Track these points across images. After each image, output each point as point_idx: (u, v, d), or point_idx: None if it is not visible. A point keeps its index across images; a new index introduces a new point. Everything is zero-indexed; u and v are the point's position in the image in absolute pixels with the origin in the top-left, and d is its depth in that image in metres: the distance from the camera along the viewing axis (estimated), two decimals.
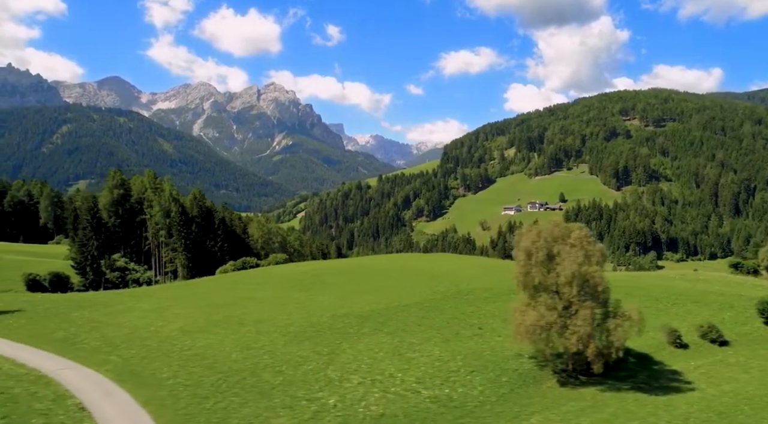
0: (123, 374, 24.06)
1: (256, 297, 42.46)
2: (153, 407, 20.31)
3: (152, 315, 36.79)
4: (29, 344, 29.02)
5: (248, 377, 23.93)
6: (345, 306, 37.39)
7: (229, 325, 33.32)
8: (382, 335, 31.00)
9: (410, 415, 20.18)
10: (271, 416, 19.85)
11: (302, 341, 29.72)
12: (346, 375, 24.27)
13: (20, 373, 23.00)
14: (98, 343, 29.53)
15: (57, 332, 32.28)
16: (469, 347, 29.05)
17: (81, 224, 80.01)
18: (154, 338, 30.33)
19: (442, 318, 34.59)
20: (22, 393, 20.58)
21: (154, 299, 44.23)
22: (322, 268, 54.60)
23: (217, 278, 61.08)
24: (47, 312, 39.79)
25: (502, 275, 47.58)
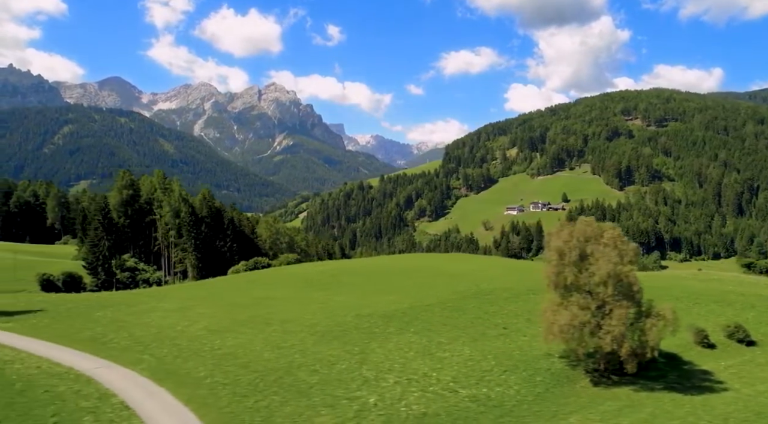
0: (159, 373, 24.11)
1: (276, 297, 42.54)
2: (195, 405, 20.37)
3: (176, 315, 36.85)
4: (59, 343, 29.06)
5: (284, 376, 23.97)
6: (367, 306, 37.45)
7: (255, 324, 33.38)
8: (410, 334, 31.06)
9: (452, 414, 20.23)
10: (313, 415, 19.89)
11: (330, 341, 29.78)
12: (381, 374, 24.32)
13: (59, 371, 23.08)
14: (128, 342, 29.58)
15: (83, 331, 32.34)
16: (497, 346, 29.09)
17: (92, 225, 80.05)
18: (182, 338, 30.39)
19: (466, 318, 34.64)
20: (66, 391, 20.67)
21: (174, 298, 44.31)
22: (337, 268, 54.66)
23: (231, 277, 61.12)
24: (69, 312, 39.86)
25: (521, 275, 47.75)
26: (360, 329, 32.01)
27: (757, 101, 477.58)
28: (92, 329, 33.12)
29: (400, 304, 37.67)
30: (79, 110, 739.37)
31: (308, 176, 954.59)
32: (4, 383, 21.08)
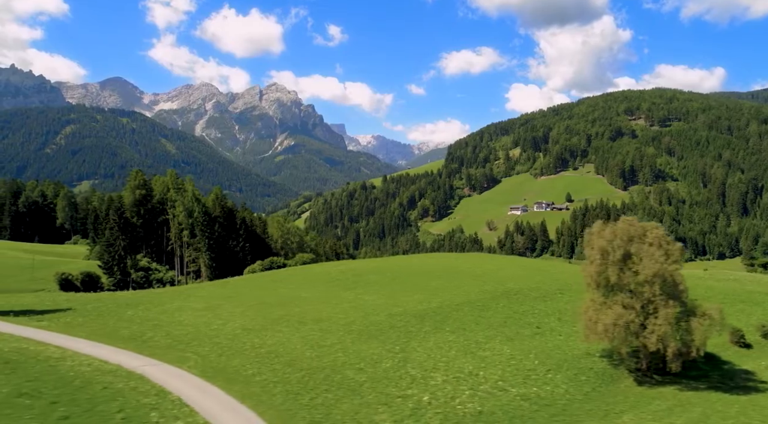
0: (208, 370, 24.23)
1: (303, 296, 42.66)
2: (251, 403, 20.49)
3: (207, 314, 37.01)
4: (100, 341, 29.20)
5: (332, 374, 24.10)
6: (397, 305, 37.57)
7: (290, 323, 33.52)
8: (445, 333, 31.18)
9: (508, 412, 20.34)
10: (371, 413, 20.01)
11: (368, 340, 29.90)
12: (428, 373, 24.44)
13: (110, 369, 23.21)
14: (168, 340, 29.72)
15: (120, 330, 32.48)
16: (534, 345, 29.19)
17: (108, 225, 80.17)
18: (220, 336, 30.53)
19: (497, 317, 34.73)
20: (124, 388, 20.81)
21: (199, 298, 44.46)
22: (358, 268, 54.75)
23: (253, 277, 61.18)
24: (97, 311, 40.03)
25: (544, 275, 47.85)
26: (396, 328, 32.13)
27: (759, 101, 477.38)
28: (128, 327, 33.26)
29: (429, 303, 37.79)
30: (81, 111, 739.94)
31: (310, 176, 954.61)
32: (62, 380, 21.21)
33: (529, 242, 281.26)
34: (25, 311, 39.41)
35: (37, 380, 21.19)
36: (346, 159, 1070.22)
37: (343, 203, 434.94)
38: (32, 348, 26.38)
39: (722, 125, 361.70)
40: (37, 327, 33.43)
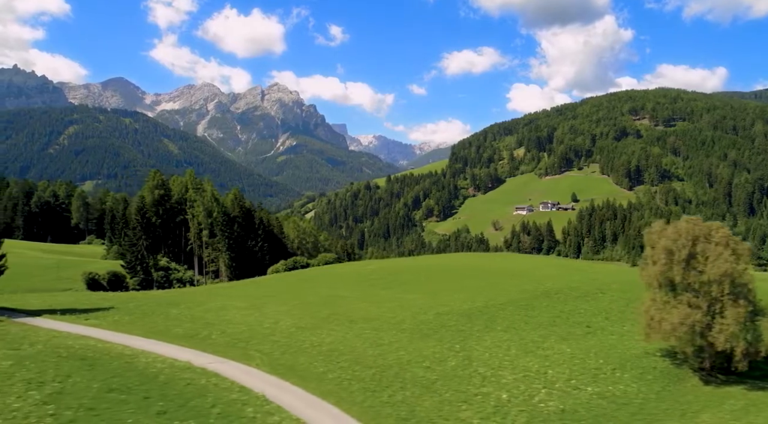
0: (277, 368, 24.33)
1: (343, 295, 42.79)
2: (333, 399, 20.60)
3: (254, 312, 37.15)
4: (158, 339, 29.32)
5: (401, 372, 24.20)
6: (443, 304, 37.68)
7: (340, 322, 33.63)
8: (498, 332, 31.27)
9: (591, 410, 20.43)
10: (454, 410, 20.11)
11: (424, 338, 30.00)
12: (496, 371, 24.54)
13: (184, 366, 23.34)
14: (226, 338, 29.84)
15: (173, 328, 32.60)
16: (591, 345, 29.25)
17: (131, 224, 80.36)
18: (277, 335, 30.65)
19: (544, 317, 34.80)
20: (207, 384, 20.95)
21: (239, 297, 44.61)
22: (389, 267, 54.85)
23: (281, 276, 61.26)
24: (139, 310, 40.16)
25: (580, 275, 47.96)
26: (447, 327, 32.23)
27: (763, 100, 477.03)
28: (179, 326, 33.39)
29: (473, 303, 37.87)
30: (84, 111, 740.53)
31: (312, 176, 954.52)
32: (144, 376, 21.34)
33: (536, 242, 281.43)
34: (69, 310, 39.53)
35: (121, 376, 21.33)
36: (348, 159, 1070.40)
37: (347, 203, 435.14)
38: (99, 346, 26.54)
39: (727, 125, 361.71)
40: (87, 325, 33.57)
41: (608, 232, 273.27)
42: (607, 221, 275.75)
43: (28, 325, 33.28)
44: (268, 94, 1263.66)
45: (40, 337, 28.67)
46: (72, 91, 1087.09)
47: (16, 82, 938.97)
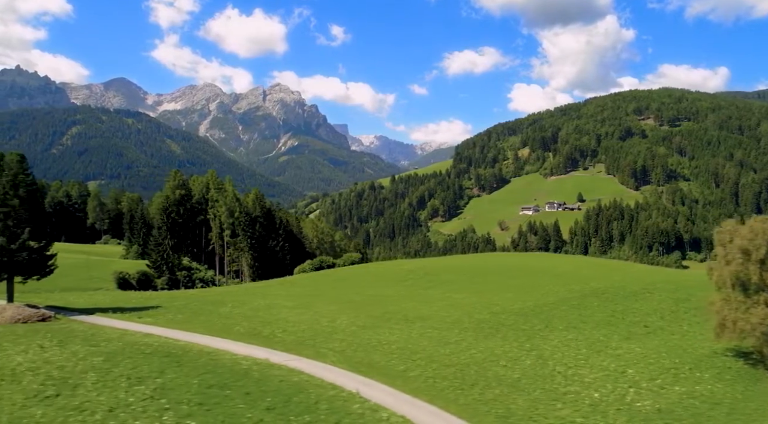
0: (356, 366, 24.35)
1: (388, 295, 42.87)
2: (425, 397, 20.61)
3: (306, 311, 37.23)
4: (222, 337, 29.36)
5: (481, 371, 24.24)
6: (493, 303, 37.75)
7: (397, 321, 33.70)
8: (560, 331, 31.33)
9: (688, 409, 20.48)
10: (549, 408, 20.13)
11: (489, 337, 30.06)
12: (575, 371, 24.57)
13: (266, 363, 23.41)
14: (291, 337, 29.87)
15: (232, 326, 32.65)
16: (656, 344, 29.26)
17: (155, 223, 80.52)
18: (340, 333, 30.71)
19: (599, 316, 34.85)
20: (300, 381, 21.02)
21: (282, 296, 44.69)
22: (425, 267, 54.89)
23: (314, 276, 61.26)
24: (187, 308, 40.20)
25: (623, 275, 48.07)
26: (507, 326, 32.29)
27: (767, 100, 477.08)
28: (238, 324, 33.46)
29: (524, 302, 37.95)
30: (87, 111, 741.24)
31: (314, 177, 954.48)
32: (234, 372, 21.39)
33: (543, 242, 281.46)
34: (117, 309, 39.64)
35: (212, 372, 21.41)
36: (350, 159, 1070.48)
37: (351, 203, 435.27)
38: (174, 343, 26.62)
39: (733, 125, 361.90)
40: (144, 323, 33.65)
41: (615, 232, 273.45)
42: (614, 220, 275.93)
43: (87, 323, 33.40)
44: (270, 95, 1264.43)
45: (110, 334, 28.78)
46: (74, 91, 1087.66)
47: (19, 82, 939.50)
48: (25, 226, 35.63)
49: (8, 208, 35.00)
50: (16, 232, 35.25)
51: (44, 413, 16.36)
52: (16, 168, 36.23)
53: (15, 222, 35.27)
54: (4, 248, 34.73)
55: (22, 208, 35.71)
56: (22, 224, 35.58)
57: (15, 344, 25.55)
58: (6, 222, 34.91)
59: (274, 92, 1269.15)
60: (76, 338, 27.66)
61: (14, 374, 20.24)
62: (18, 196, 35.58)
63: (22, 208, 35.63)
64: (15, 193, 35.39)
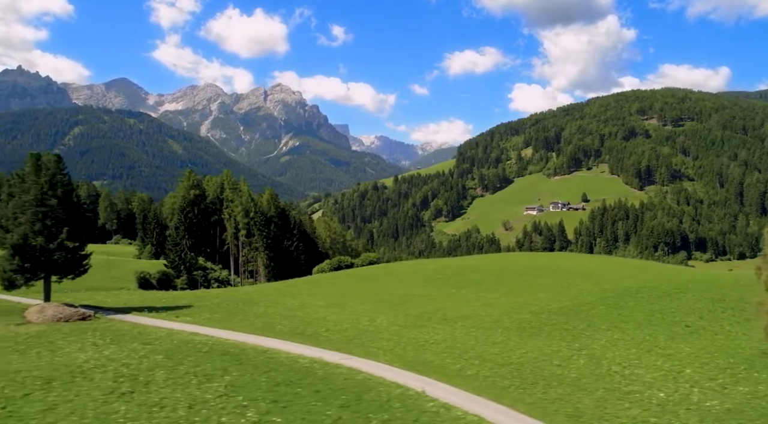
0: (411, 364, 24.28)
1: (420, 294, 42.86)
2: (490, 396, 20.60)
3: (341, 311, 37.23)
4: (267, 335, 29.36)
5: (537, 370, 24.20)
6: (529, 303, 37.75)
7: (438, 321, 33.70)
8: (604, 331, 31.30)
9: (756, 409, 20.45)
10: (618, 407, 20.08)
11: (534, 337, 30.03)
12: (632, 370, 24.53)
13: (324, 362, 23.41)
14: (336, 336, 29.83)
15: (274, 325, 32.62)
16: (704, 344, 29.18)
17: (172, 223, 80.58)
18: (383, 332, 30.69)
19: (639, 316, 34.80)
20: (365, 380, 21.03)
21: (311, 295, 44.69)
22: (448, 267, 54.89)
23: (337, 275, 61.19)
24: (221, 307, 40.20)
25: (652, 275, 48.11)
26: (550, 326, 32.29)
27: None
28: (278, 323, 33.45)
29: (560, 302, 37.95)
30: (89, 111, 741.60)
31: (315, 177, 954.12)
32: (296, 370, 21.37)
33: (548, 242, 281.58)
34: (150, 308, 39.65)
35: (275, 370, 21.43)
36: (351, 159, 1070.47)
37: (354, 204, 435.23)
38: (225, 341, 26.64)
39: (736, 125, 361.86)
40: (184, 322, 33.61)
41: (620, 232, 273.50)
42: (619, 220, 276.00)
43: (128, 322, 33.41)
44: (271, 95, 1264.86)
45: (157, 333, 28.81)
46: (76, 91, 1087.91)
47: (20, 83, 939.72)
48: (62, 226, 35.62)
49: (47, 208, 34.97)
50: (54, 231, 35.25)
51: (127, 409, 16.38)
52: (53, 168, 36.25)
53: (53, 222, 35.26)
54: (43, 247, 34.74)
55: (60, 208, 35.70)
56: (59, 224, 35.56)
57: (69, 343, 25.61)
58: (45, 222, 34.90)
59: (275, 92, 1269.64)
60: (125, 336, 27.70)
61: (83, 371, 20.28)
62: (56, 196, 35.58)
63: (59, 208, 35.61)
64: (53, 194, 35.39)
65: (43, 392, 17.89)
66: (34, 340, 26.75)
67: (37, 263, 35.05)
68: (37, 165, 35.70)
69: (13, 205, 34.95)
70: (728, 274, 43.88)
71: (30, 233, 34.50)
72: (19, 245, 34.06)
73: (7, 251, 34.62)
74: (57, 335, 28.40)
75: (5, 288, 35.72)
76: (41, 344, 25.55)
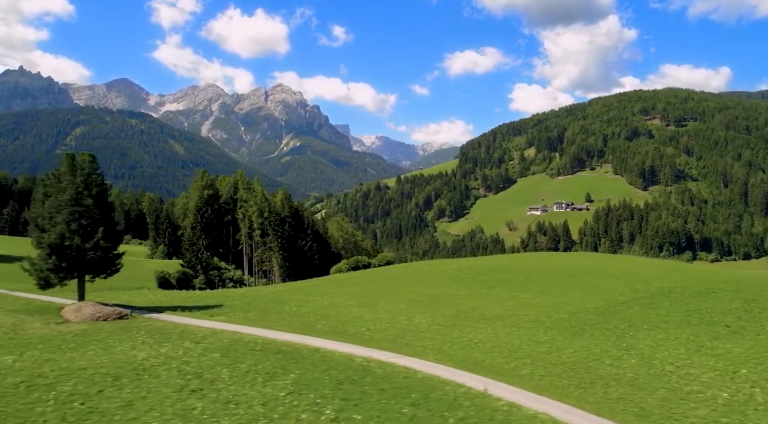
0: (463, 364, 24.19)
1: (451, 294, 42.76)
2: (553, 395, 20.53)
3: (376, 310, 37.12)
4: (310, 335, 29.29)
5: (591, 370, 24.12)
6: (564, 303, 37.66)
7: (477, 320, 33.61)
8: (647, 331, 31.18)
9: None
10: (684, 407, 19.97)
11: (578, 336, 29.94)
12: (685, 370, 24.43)
13: (378, 361, 23.33)
14: (379, 335, 29.67)
15: (314, 324, 32.51)
16: (750, 344, 29.04)
17: (189, 224, 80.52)
18: (426, 332, 30.57)
19: (676, 316, 34.68)
20: (425, 379, 20.93)
21: (340, 295, 44.61)
22: (473, 267, 54.75)
23: (360, 274, 60.98)
24: (252, 306, 40.08)
25: (683, 275, 47.99)
26: (591, 325, 32.20)
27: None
28: (316, 321, 33.35)
29: (596, 301, 37.86)
30: (90, 112, 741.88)
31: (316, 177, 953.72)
32: (357, 369, 21.31)
33: (552, 243, 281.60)
34: (181, 307, 39.59)
35: (333, 368, 21.36)
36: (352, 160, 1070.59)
37: (357, 204, 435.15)
38: (273, 340, 26.56)
39: (740, 125, 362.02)
40: (221, 321, 33.52)
41: (625, 232, 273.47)
42: (624, 221, 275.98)
43: (165, 321, 33.32)
44: (272, 95, 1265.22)
45: (202, 332, 28.68)
46: (77, 92, 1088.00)
47: (22, 83, 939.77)
48: (97, 225, 35.56)
49: (82, 208, 34.91)
50: (90, 231, 35.19)
51: (203, 406, 16.31)
52: (88, 168, 36.20)
53: (88, 221, 35.20)
54: (79, 247, 34.67)
55: (95, 207, 35.63)
56: (95, 224, 35.51)
57: (119, 341, 25.56)
58: (80, 221, 34.83)
59: (276, 93, 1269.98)
60: (171, 334, 27.63)
61: (145, 368, 20.22)
62: (91, 195, 35.51)
63: (95, 208, 35.55)
64: (89, 193, 35.33)
65: (115, 388, 17.85)
66: (82, 338, 26.69)
67: (74, 262, 34.99)
68: (72, 165, 35.67)
69: (49, 205, 34.90)
70: (756, 274, 43.77)
71: (66, 233, 34.44)
72: (56, 245, 34.00)
73: (43, 251, 34.56)
74: (101, 333, 28.34)
75: (41, 287, 35.67)
76: (91, 342, 25.50)
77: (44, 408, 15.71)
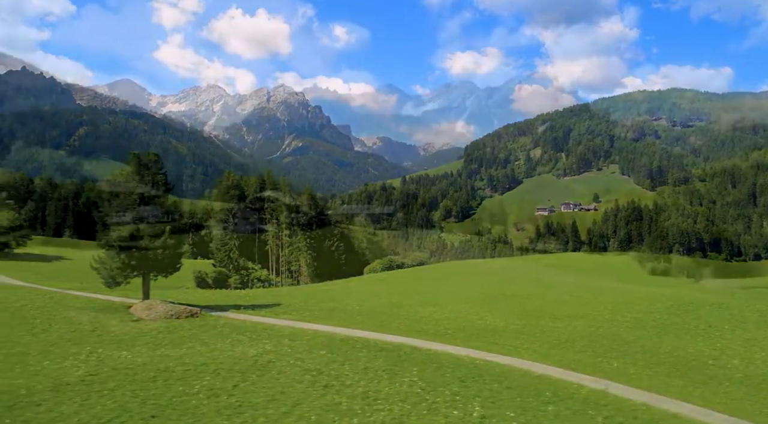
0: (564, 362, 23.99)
1: (508, 294, 42.61)
2: (671, 395, 20.34)
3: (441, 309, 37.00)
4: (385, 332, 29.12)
5: (692, 369, 23.94)
6: (629, 302, 37.53)
7: (549, 319, 33.45)
8: (729, 331, 30.87)
9: None
10: None
11: (662, 336, 29.71)
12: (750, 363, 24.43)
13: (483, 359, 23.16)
14: (461, 334, 29.44)
15: (389, 323, 32.31)
16: None
17: (212, 224, 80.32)
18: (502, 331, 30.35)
19: (750, 316, 34.48)
20: (542, 376, 20.81)
21: (395, 294, 44.46)
22: (513, 267, 54.66)
23: (403, 273, 60.83)
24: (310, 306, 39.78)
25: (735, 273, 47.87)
26: (670, 324, 31.96)
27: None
28: (387, 320, 33.21)
29: (662, 302, 37.59)
30: (94, 112, 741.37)
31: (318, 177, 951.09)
32: (476, 367, 21.20)
33: (561, 243, 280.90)
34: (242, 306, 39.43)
35: (446, 366, 21.29)
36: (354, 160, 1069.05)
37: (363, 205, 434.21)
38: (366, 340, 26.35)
39: (746, 125, 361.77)
40: (292, 319, 33.30)
41: (634, 233, 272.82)
42: (632, 221, 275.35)
43: (236, 319, 33.07)
44: (274, 96, 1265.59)
45: (282, 330, 28.48)
46: (79, 92, 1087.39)
47: (25, 83, 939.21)
48: (163, 224, 35.39)
49: (150, 207, 34.74)
50: (157, 230, 35.01)
51: (348, 403, 16.11)
52: (154, 168, 36.06)
53: (155, 220, 35.01)
54: (147, 245, 34.49)
55: (162, 207, 35.49)
56: (161, 223, 35.34)
57: (211, 337, 25.44)
58: (148, 220, 34.65)
59: (277, 93, 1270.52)
60: (258, 332, 27.43)
61: (264, 365, 20.09)
62: (158, 195, 35.36)
63: (161, 207, 35.40)
64: (156, 193, 35.17)
65: (248, 383, 17.71)
66: (169, 335, 26.52)
67: (141, 261, 34.82)
68: (139, 165, 35.51)
69: (117, 205, 34.75)
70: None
71: (135, 232, 34.27)
72: (125, 244, 33.81)
73: (111, 250, 34.38)
74: (182, 330, 28.14)
75: (108, 286, 35.53)
76: (185, 339, 25.31)
77: (198, 401, 15.54)
